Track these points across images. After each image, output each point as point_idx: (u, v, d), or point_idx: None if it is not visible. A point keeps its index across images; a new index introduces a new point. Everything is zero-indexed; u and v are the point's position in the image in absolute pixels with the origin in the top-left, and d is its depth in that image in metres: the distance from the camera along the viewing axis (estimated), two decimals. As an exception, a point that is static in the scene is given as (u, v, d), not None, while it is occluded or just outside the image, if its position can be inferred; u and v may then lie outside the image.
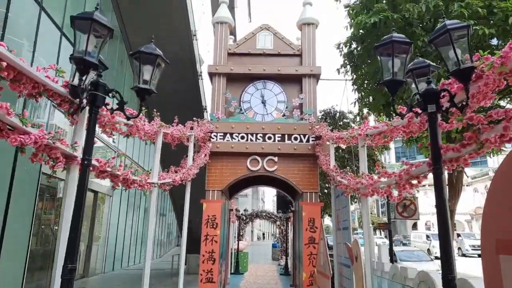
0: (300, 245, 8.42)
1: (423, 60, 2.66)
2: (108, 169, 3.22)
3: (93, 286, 11.74)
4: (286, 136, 8.42)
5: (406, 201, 10.81)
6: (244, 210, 17.57)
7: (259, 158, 8.40)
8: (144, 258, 16.11)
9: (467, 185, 45.23)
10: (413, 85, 2.62)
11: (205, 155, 7.42)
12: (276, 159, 8.39)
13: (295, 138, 8.39)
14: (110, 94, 2.57)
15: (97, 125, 2.91)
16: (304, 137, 8.37)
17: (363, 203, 4.31)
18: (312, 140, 8.31)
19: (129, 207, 18.51)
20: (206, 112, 8.78)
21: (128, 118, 2.88)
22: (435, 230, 44.94)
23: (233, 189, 10.29)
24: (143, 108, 2.92)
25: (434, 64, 2.68)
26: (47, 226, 10.96)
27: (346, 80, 17.23)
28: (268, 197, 70.56)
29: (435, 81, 2.58)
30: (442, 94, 2.39)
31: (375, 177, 3.72)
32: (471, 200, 42.05)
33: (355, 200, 16.48)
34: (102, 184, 15.40)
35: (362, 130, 4.19)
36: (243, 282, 12.53)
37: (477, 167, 57.04)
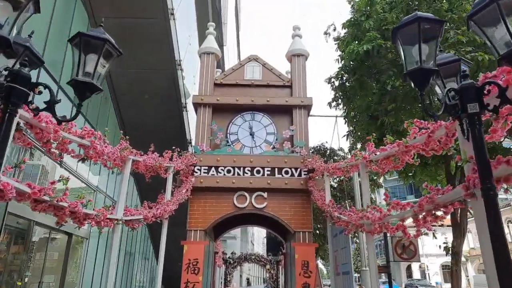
0: (293, 292, 7.51)
1: (451, 55, 2.16)
2: (46, 197, 2.49)
3: None
4: (276, 169, 7.80)
5: (405, 241, 10.07)
6: (232, 253, 16.42)
7: (246, 194, 7.70)
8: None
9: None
10: (437, 88, 2.09)
11: (187, 190, 6.71)
12: (265, 195, 7.70)
13: (286, 172, 7.77)
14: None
15: (40, 144, 2.26)
16: (296, 171, 7.76)
17: (369, 243, 3.64)
18: (305, 174, 7.70)
19: (108, 251, 17.15)
20: (191, 146, 8.19)
21: (59, 122, 2.24)
22: (431, 274, 43.43)
23: (219, 229, 9.43)
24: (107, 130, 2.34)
25: (466, 59, 2.19)
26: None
27: (336, 116, 17.07)
28: (258, 239, 68.24)
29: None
30: (487, 88, 1.85)
31: (384, 209, 3.10)
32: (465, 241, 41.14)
33: (355, 239, 15.57)
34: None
35: (366, 155, 3.62)
36: (229, 336, 11.25)
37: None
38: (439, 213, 2.37)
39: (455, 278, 6.99)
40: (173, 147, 5.65)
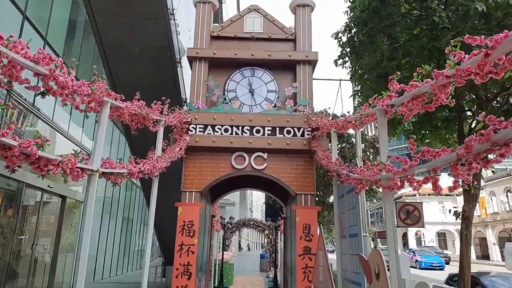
0: (293, 256, 7.19)
1: None
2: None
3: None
4: (277, 129, 7.24)
5: (409, 206, 9.73)
6: (230, 218, 16.25)
7: (245, 155, 7.19)
8: (123, 269, 14.51)
9: (457, 195, 44.75)
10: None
11: (180, 148, 6.18)
12: (265, 155, 7.20)
13: (288, 132, 7.22)
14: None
15: None
16: (299, 131, 7.21)
17: (387, 201, 3.14)
18: (308, 134, 7.16)
19: (105, 215, 17.01)
20: (186, 105, 7.59)
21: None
22: (426, 241, 44.11)
23: (216, 192, 9.03)
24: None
25: None
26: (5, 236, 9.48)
27: (340, 80, 16.31)
28: (256, 206, 69.09)
29: None
30: None
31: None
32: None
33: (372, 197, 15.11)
34: (72, 189, 13.94)
35: (386, 99, 3.04)
36: (227, 298, 11.18)
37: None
38: (490, 156, 1.85)
39: (464, 243, 6.64)
40: (163, 98, 5.07)
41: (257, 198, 69.99)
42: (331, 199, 14.66)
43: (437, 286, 11.25)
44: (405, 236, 48.63)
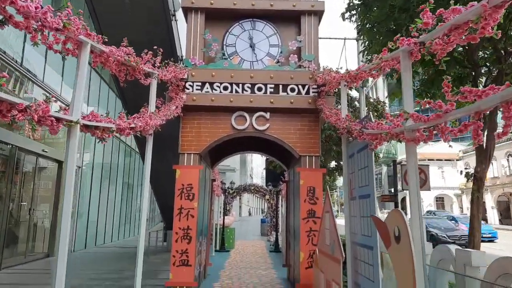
0: (296, 219, 6.95)
1: None
2: None
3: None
4: (280, 86, 6.75)
5: (415, 170, 9.42)
6: (231, 183, 16.07)
7: (246, 115, 6.75)
8: (124, 234, 14.42)
9: (456, 160, 44.69)
10: None
11: (176, 107, 5.73)
12: (267, 115, 6.76)
13: (292, 90, 6.74)
14: None
15: None
16: (303, 88, 6.72)
17: (411, 155, 2.74)
18: (313, 92, 6.67)
19: (104, 180, 16.83)
20: (182, 62, 7.04)
21: None
22: (424, 206, 44.59)
23: (215, 155, 8.68)
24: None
25: None
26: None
27: (345, 38, 15.49)
28: (256, 173, 69.55)
29: None
30: None
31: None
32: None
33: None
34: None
35: (411, 39, 2.55)
36: (228, 261, 11.16)
37: (467, 142, 56.84)
38: None
39: (475, 205, 6.36)
40: (155, 47, 4.54)
41: (257, 165, 70.32)
42: (332, 164, 14.38)
43: (460, 249, 11.26)
44: (403, 200, 49.23)
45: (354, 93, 14.44)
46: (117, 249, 14.26)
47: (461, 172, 8.08)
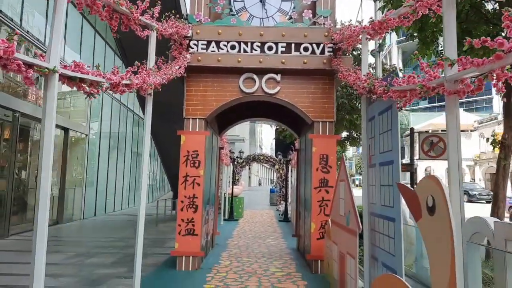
0: (307, 189, 6.61)
1: None
2: None
3: (67, 233, 10.19)
4: (293, 45, 6.19)
5: (434, 138, 8.92)
6: (240, 152, 15.76)
7: (255, 77, 6.25)
8: (134, 202, 14.35)
9: (471, 131, 43.55)
10: None
11: (180, 67, 5.26)
12: (278, 77, 6.25)
13: (305, 49, 6.17)
14: None
15: None
16: (318, 47, 6.15)
17: (453, 110, 2.28)
18: (329, 51, 6.11)
19: (112, 150, 16.71)
20: (187, 21, 6.48)
21: None
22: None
23: (222, 122, 8.28)
24: None
25: None
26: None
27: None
28: (266, 143, 69.30)
29: None
30: None
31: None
32: (476, 145, 40.59)
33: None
34: (75, 121, 13.39)
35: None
36: (237, 230, 11.04)
37: (483, 112, 55.26)
38: None
39: (502, 174, 5.90)
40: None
41: (267, 134, 69.97)
42: (343, 134, 13.86)
43: (500, 222, 10.98)
44: (414, 172, 48.61)
45: (370, 59, 13.89)
46: (126, 217, 14.31)
47: (487, 139, 7.54)
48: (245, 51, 6.15)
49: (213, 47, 6.14)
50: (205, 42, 6.14)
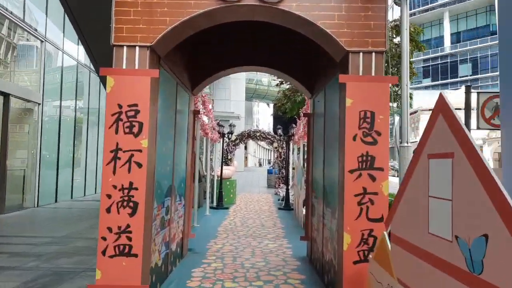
0: (332, 171, 3.95)
1: None
2: None
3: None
4: None
5: (499, 100, 6.17)
6: (230, 126, 13.00)
7: (243, -29, 3.43)
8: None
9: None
10: None
11: None
12: (284, -28, 3.43)
13: None
14: None
15: None
16: None
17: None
18: None
19: (101, 127, 14.14)
20: None
21: None
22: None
23: (196, 71, 5.48)
24: None
25: None
26: None
27: None
28: (263, 122, 66.35)
29: None
30: None
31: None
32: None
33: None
34: (21, 85, 10.54)
35: None
36: (224, 224, 8.45)
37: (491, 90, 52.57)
38: None
39: None
40: None
41: (264, 114, 67.00)
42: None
43: None
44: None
45: (395, 14, 12.27)
46: (95, 203, 11.73)
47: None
48: None
49: None
50: None
